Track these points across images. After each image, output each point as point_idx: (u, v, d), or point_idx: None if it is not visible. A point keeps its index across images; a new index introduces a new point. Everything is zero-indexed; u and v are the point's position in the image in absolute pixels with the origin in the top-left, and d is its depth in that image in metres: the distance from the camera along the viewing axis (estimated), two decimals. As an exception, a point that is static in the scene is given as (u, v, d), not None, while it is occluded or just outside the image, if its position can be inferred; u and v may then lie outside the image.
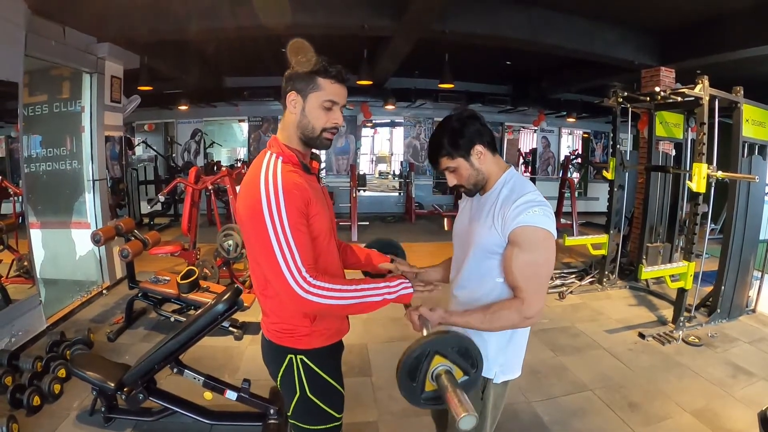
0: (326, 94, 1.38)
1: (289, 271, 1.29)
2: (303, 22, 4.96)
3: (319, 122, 1.40)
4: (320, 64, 1.37)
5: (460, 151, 1.49)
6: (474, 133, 1.48)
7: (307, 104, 1.39)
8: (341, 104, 1.42)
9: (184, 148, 10.62)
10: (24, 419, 2.61)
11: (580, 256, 6.84)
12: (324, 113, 1.40)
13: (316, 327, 1.47)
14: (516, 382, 1.65)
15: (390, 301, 1.41)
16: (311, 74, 1.37)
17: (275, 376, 1.53)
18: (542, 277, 1.43)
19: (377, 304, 1.40)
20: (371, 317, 4.30)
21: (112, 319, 4.23)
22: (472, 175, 1.52)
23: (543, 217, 1.39)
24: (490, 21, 5.45)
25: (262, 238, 1.30)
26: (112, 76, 5.18)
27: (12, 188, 4.15)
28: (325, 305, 1.32)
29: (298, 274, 1.29)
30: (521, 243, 1.40)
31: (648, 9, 5.33)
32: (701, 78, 4.03)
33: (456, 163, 1.50)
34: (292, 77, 1.40)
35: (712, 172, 4.01)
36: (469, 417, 1.11)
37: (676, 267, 4.22)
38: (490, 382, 1.54)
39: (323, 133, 1.42)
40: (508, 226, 1.41)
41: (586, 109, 10.15)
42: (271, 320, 1.49)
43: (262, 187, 1.31)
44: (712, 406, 2.99)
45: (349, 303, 1.36)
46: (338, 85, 1.40)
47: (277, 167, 1.35)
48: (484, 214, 1.52)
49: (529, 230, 1.39)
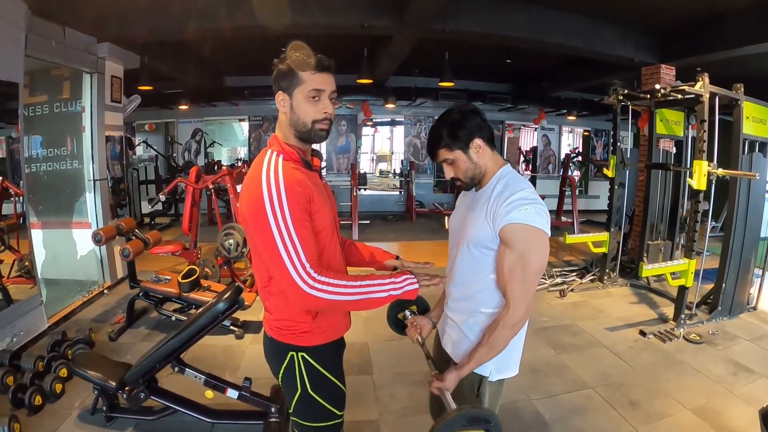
0: (309, 85, 1.37)
1: (293, 267, 1.29)
2: (303, 22, 4.97)
3: (308, 116, 1.39)
4: (297, 57, 1.37)
5: (459, 143, 1.49)
6: (474, 126, 1.49)
7: (293, 101, 1.39)
8: (328, 91, 1.40)
9: (184, 147, 10.63)
10: (26, 419, 2.61)
11: (581, 254, 6.84)
12: (311, 105, 1.39)
13: (318, 324, 1.47)
14: (517, 380, 1.65)
15: (395, 297, 1.39)
16: (291, 70, 1.37)
17: (277, 373, 1.53)
18: (530, 278, 1.42)
19: (382, 300, 1.38)
20: (372, 316, 4.29)
21: (113, 318, 4.24)
22: (470, 168, 1.52)
23: (535, 215, 1.39)
24: (490, 20, 5.45)
25: (265, 235, 1.30)
26: (112, 76, 5.18)
27: (13, 188, 4.15)
28: (330, 301, 1.32)
29: (302, 270, 1.29)
30: (511, 241, 1.40)
31: (648, 6, 5.33)
32: (701, 75, 4.02)
33: (454, 156, 1.51)
34: (276, 77, 1.41)
35: (713, 169, 4.00)
36: None
37: (677, 264, 4.22)
38: (485, 379, 1.54)
39: (315, 125, 1.40)
40: (499, 223, 1.41)
41: (587, 107, 10.15)
42: (273, 317, 1.50)
43: (264, 184, 1.31)
44: (713, 403, 2.99)
45: (354, 299, 1.35)
46: (319, 73, 1.38)
47: (278, 165, 1.35)
48: (478, 208, 1.52)
49: (519, 228, 1.39)
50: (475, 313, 1.54)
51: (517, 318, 1.41)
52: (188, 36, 5.32)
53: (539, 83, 9.60)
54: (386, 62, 7.06)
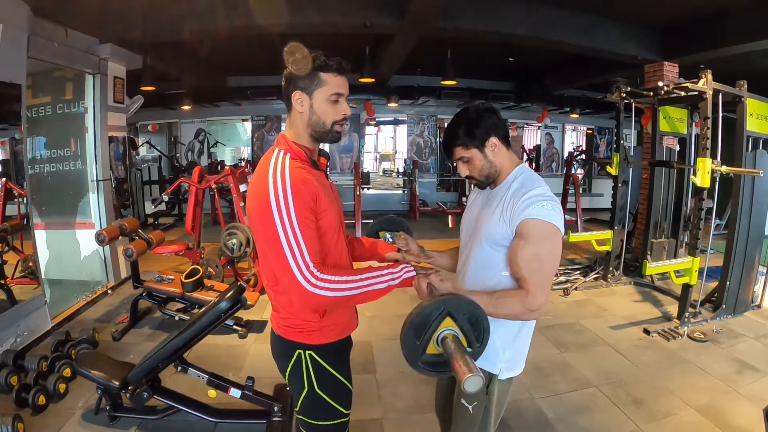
0: (331, 88, 1.40)
1: (296, 266, 1.30)
2: (305, 21, 4.98)
3: (329, 116, 1.42)
4: (320, 59, 1.39)
5: (475, 141, 1.50)
6: (490, 125, 1.50)
7: (314, 101, 1.41)
8: (345, 95, 1.44)
9: (187, 147, 10.64)
10: (29, 418, 2.62)
11: (584, 253, 6.83)
12: (332, 107, 1.42)
13: (326, 322, 1.48)
14: (520, 378, 1.65)
15: (395, 286, 1.42)
16: (313, 71, 1.39)
17: (284, 371, 1.54)
18: (547, 271, 1.43)
19: (382, 291, 1.41)
20: (375, 315, 4.30)
21: (116, 318, 4.25)
22: (485, 166, 1.53)
23: (551, 211, 1.40)
24: (492, 17, 5.44)
25: (270, 233, 1.31)
26: (114, 77, 5.19)
27: (17, 189, 4.18)
28: (332, 298, 1.33)
29: (305, 269, 1.30)
30: (528, 235, 1.40)
31: (650, 3, 5.31)
32: (704, 72, 4.00)
33: (470, 154, 1.52)
34: (293, 77, 1.41)
35: (717, 166, 3.98)
36: (475, 377, 1.08)
37: (681, 263, 4.20)
38: (495, 378, 1.55)
39: (334, 126, 1.44)
40: (516, 218, 1.42)
41: (590, 105, 10.12)
42: (281, 315, 1.50)
43: (271, 182, 1.32)
44: (717, 402, 2.97)
45: (355, 293, 1.36)
46: (340, 77, 1.42)
47: (285, 163, 1.36)
48: (493, 206, 1.53)
49: (537, 223, 1.40)
50: None
51: (536, 304, 1.39)
52: (187, 37, 5.32)
53: (542, 81, 9.57)
54: (388, 61, 7.06)
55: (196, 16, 4.93)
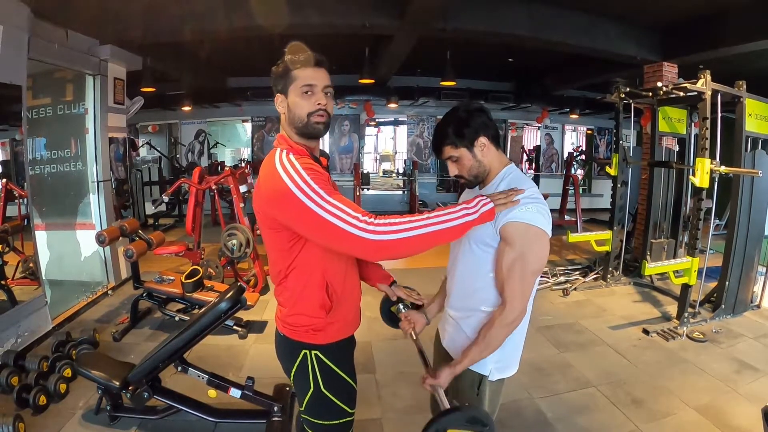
0: (301, 81, 1.40)
1: (346, 223, 1.23)
2: (304, 22, 4.98)
3: (303, 110, 1.41)
4: (289, 58, 1.40)
5: (464, 141, 1.50)
6: (480, 125, 1.49)
7: (289, 99, 1.42)
8: (321, 86, 1.42)
9: (187, 148, 10.66)
10: (30, 418, 2.63)
11: (584, 253, 6.83)
12: (305, 99, 1.40)
13: (332, 318, 1.48)
14: (519, 378, 1.66)
15: (472, 223, 1.32)
16: (285, 71, 1.41)
17: (289, 371, 1.54)
18: (527, 278, 1.43)
19: (459, 228, 1.30)
20: (375, 315, 4.29)
21: (117, 318, 4.26)
22: (474, 166, 1.53)
23: (536, 214, 1.39)
24: (491, 18, 5.45)
25: (301, 215, 1.27)
26: (114, 78, 5.20)
27: (17, 190, 4.19)
28: (401, 240, 1.24)
29: (357, 221, 1.23)
30: (511, 239, 1.40)
31: (650, 4, 5.32)
32: (703, 73, 4.01)
33: (459, 153, 1.51)
34: (274, 81, 1.44)
35: (716, 167, 3.98)
36: None
37: (680, 263, 4.21)
38: (486, 378, 1.55)
39: (310, 117, 1.41)
40: (500, 220, 1.41)
41: (589, 105, 10.13)
42: (288, 312, 1.50)
43: (283, 174, 1.31)
44: (716, 402, 2.98)
45: (425, 231, 1.26)
46: (310, 69, 1.41)
47: (290, 157, 1.36)
48: None
49: (520, 226, 1.39)
50: (475, 311, 1.55)
51: (513, 317, 1.42)
52: (187, 37, 5.33)
53: (542, 81, 9.58)
54: (388, 62, 7.06)
55: (196, 16, 4.94)
